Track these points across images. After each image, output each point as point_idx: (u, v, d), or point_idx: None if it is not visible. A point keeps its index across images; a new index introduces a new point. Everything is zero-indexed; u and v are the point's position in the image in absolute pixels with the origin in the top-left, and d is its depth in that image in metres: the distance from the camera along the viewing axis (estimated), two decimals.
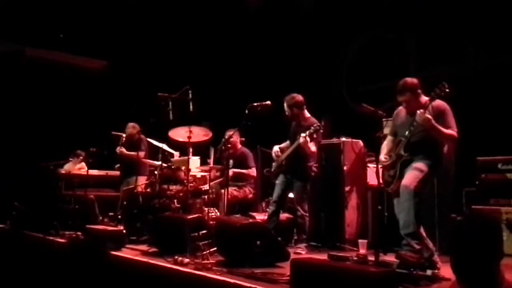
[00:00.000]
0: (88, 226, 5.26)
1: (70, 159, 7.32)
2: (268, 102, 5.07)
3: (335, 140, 5.57)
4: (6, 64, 8.57)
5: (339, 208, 5.36)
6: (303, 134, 4.77)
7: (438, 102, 3.76)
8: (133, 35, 9.01)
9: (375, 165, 4.76)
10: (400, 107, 4.10)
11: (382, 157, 4.08)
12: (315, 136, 4.85)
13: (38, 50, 8.91)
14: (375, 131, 4.25)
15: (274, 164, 5.21)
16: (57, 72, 8.97)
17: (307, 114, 5.13)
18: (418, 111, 3.71)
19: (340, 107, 7.01)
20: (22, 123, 8.50)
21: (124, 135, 6.63)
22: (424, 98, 3.88)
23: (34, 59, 8.85)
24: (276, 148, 5.23)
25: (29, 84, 8.71)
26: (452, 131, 3.75)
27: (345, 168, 5.41)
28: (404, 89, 3.86)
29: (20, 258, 5.50)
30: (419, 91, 3.89)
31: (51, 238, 5.55)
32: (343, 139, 5.51)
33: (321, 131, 4.89)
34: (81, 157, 7.30)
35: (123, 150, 6.58)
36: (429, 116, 3.68)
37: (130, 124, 6.78)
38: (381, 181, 3.93)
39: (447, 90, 3.63)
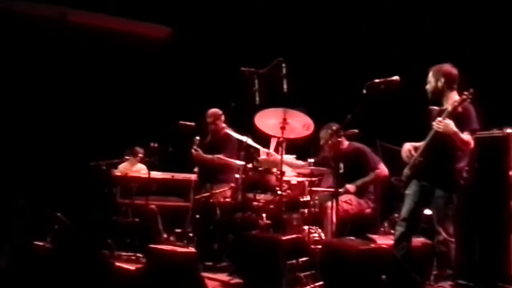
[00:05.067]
0: (151, 245, 5.42)
1: (127, 157, 7.64)
2: (396, 77, 4.97)
3: (496, 132, 5.33)
4: (46, 33, 9.08)
5: (502, 230, 5.18)
6: (440, 118, 4.63)
7: None
8: None
9: None
10: None
11: None
12: (460, 110, 4.60)
13: (83, 14, 9.32)
14: None
15: (405, 170, 5.05)
16: (108, 43, 9.37)
17: (456, 96, 4.88)
18: None
19: (504, 84, 6.64)
20: (65, 110, 8.98)
21: (197, 137, 6.84)
22: None
23: (78, 26, 9.27)
24: (407, 145, 5.07)
25: (74, 59, 9.18)
26: None
27: (511, 172, 5.18)
28: None
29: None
30: None
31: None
32: (509, 130, 5.25)
33: (468, 100, 4.61)
34: (140, 155, 7.59)
35: (200, 152, 6.79)
36: None
37: (211, 112, 6.92)
38: None
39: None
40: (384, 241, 5.21)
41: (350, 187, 5.92)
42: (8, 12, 8.83)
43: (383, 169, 6.07)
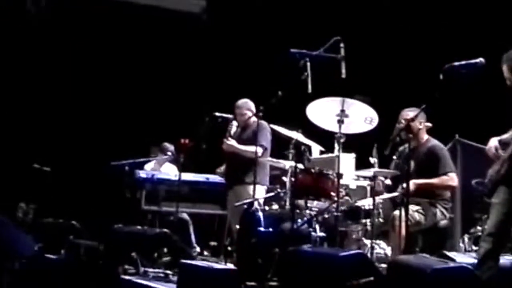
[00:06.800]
0: (183, 261, 5.45)
1: (153, 156, 7.69)
2: (480, 59, 4.86)
3: None
4: (73, 12, 9.23)
5: None
6: None
7: None
8: None
9: None
10: None
11: None
12: None
13: None
14: None
15: (490, 172, 4.94)
16: (134, 20, 9.51)
17: None
18: None
19: None
20: (84, 100, 9.16)
21: (234, 122, 6.83)
22: None
23: (106, 2, 9.46)
24: (494, 141, 4.96)
25: (94, 39, 9.36)
26: None
27: None
28: None
29: None
30: None
31: (127, 278, 5.85)
32: None
33: None
34: (169, 153, 7.64)
35: (233, 142, 6.73)
36: None
37: (240, 102, 6.92)
38: None
39: None
40: (464, 259, 5.13)
41: (412, 184, 5.62)
42: None
43: (452, 177, 5.94)
